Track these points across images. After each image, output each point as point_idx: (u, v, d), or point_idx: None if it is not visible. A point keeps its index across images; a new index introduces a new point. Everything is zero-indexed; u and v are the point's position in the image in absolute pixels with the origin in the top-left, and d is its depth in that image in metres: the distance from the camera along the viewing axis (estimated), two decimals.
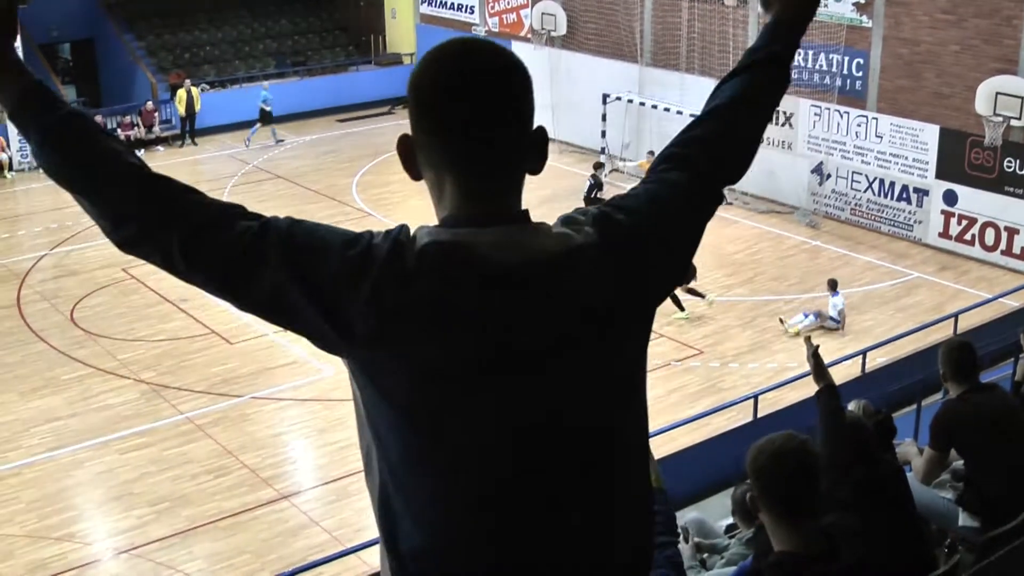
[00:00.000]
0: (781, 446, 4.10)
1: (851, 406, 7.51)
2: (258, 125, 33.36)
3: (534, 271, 2.19)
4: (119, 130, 32.49)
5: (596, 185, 24.53)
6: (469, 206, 2.24)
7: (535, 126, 2.31)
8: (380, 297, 2.14)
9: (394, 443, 2.22)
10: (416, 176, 2.33)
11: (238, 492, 15.23)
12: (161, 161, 32.02)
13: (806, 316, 19.94)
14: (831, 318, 19.95)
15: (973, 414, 6.40)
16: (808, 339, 6.66)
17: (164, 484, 15.69)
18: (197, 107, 33.32)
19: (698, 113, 2.64)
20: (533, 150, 2.31)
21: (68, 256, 24.43)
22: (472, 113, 2.21)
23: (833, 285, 20.26)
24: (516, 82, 2.27)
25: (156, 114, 33.58)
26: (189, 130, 33.52)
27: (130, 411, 17.51)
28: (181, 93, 33.14)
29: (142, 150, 32.53)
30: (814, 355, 6.32)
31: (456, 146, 2.23)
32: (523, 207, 2.30)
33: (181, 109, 33.28)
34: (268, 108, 33.43)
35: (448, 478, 2.20)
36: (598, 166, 25.86)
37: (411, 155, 2.31)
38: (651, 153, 26.74)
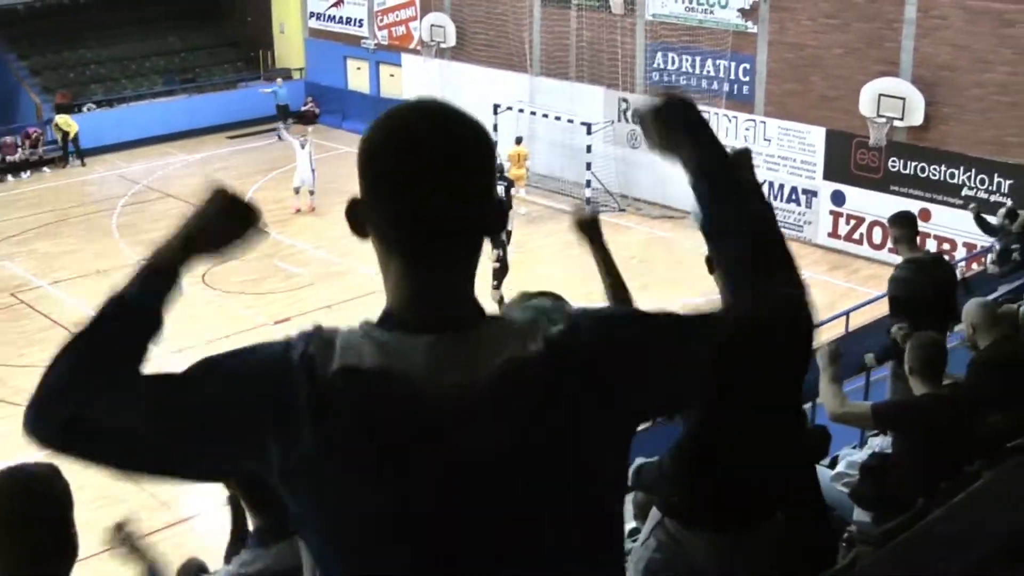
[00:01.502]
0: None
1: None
2: (289, 120, 34.81)
3: (469, 394, 1.94)
4: (0, 151, 31.91)
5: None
6: (412, 301, 2.02)
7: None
8: (301, 437, 1.95)
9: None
10: (363, 237, 2.09)
11: (136, 517, 14.97)
12: (49, 183, 31.49)
13: None
14: None
15: (932, 416, 6.43)
16: None
17: None
18: (72, 131, 32.62)
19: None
20: (489, 220, 2.08)
21: None
22: (429, 194, 1.98)
23: None
24: (481, 155, 2.03)
25: (41, 137, 32.90)
26: (75, 151, 32.82)
27: (22, 439, 17.08)
28: (58, 120, 32.59)
29: (28, 172, 31.95)
30: None
31: (407, 228, 2.02)
32: (474, 295, 2.08)
33: (58, 134, 32.72)
34: (285, 104, 34.99)
35: None
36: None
37: (359, 223, 2.08)
38: (518, 140, 27.33)
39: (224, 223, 2.25)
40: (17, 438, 2.32)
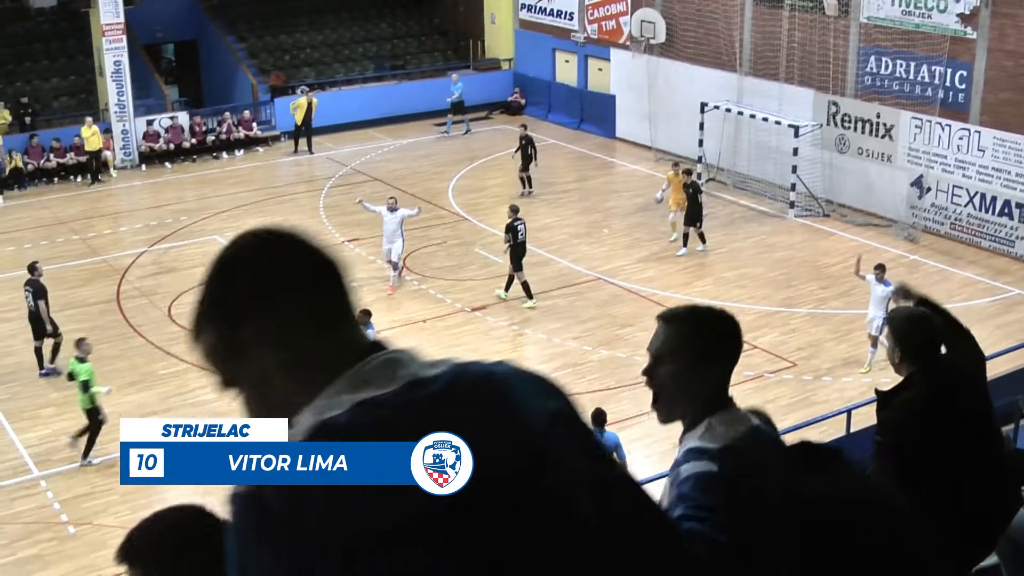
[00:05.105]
0: (911, 312, 4.69)
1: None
2: (450, 116, 34.95)
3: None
4: (219, 127, 32.87)
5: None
6: (331, 362, 2.24)
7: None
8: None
9: None
10: (231, 382, 2.41)
11: None
12: (260, 161, 32.43)
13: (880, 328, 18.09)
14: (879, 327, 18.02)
15: None
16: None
17: None
18: (312, 114, 32.98)
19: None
20: None
21: (167, 253, 24.82)
22: (332, 294, 2.27)
23: (882, 271, 19.10)
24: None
25: (254, 123, 33.64)
26: (307, 138, 33.17)
27: (225, 407, 17.58)
28: (302, 102, 32.91)
29: (241, 150, 32.88)
30: None
31: (323, 325, 2.26)
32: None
33: (298, 118, 32.97)
34: (460, 100, 35.10)
35: None
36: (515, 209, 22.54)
37: (232, 358, 2.38)
38: (676, 165, 25.48)
39: None
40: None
